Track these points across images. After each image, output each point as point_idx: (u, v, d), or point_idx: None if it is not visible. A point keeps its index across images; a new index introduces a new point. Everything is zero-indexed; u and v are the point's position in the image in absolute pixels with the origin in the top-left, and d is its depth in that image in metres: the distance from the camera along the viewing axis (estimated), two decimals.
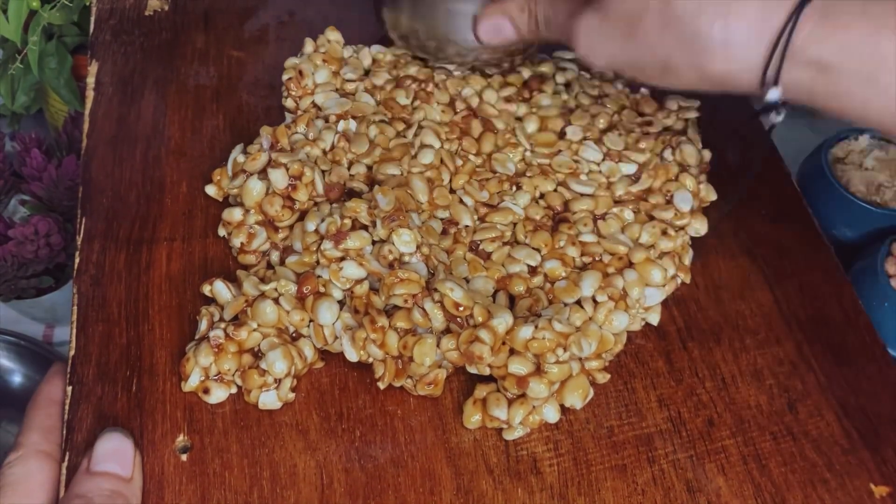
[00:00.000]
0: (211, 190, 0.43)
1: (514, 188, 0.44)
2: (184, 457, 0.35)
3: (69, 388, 0.36)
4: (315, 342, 0.38)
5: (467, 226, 0.42)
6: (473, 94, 0.47)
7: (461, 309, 0.36)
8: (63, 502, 0.33)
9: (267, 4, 0.54)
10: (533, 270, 0.40)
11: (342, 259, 0.38)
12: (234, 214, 0.41)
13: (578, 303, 0.39)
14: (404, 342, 0.36)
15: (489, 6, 0.42)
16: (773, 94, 0.34)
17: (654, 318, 0.41)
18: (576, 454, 0.37)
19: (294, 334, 0.38)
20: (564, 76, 0.49)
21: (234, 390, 0.37)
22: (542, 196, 0.44)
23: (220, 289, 0.38)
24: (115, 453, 0.34)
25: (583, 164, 0.45)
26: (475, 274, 0.40)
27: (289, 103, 0.47)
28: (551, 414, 0.37)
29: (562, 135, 0.46)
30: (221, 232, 0.42)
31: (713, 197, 0.45)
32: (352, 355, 0.37)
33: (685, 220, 0.43)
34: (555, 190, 0.44)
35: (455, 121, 0.46)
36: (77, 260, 0.40)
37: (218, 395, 0.36)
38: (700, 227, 0.44)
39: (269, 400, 0.36)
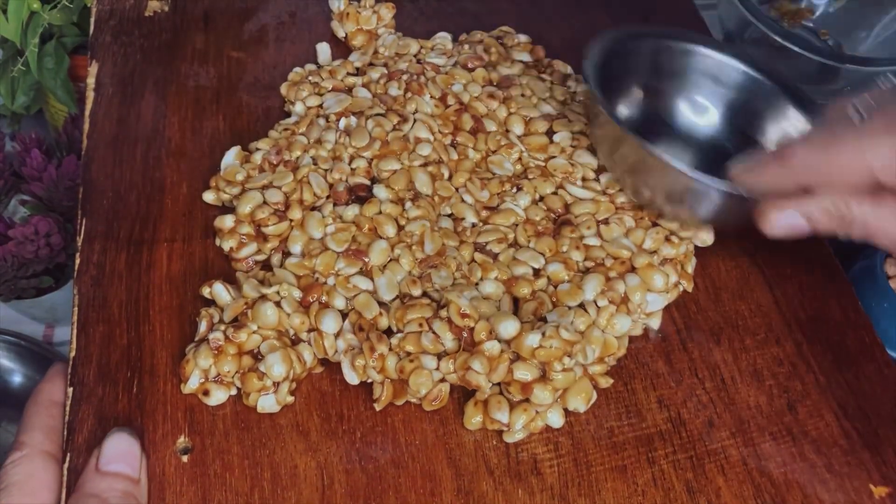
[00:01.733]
0: (209, 196, 0.43)
1: (515, 189, 0.44)
2: (185, 458, 0.35)
3: (70, 389, 0.36)
4: (315, 352, 0.38)
5: (474, 224, 0.42)
6: (463, 91, 0.47)
7: (466, 320, 0.36)
8: (75, 500, 0.32)
9: (267, 5, 0.54)
10: (536, 273, 0.40)
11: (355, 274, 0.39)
12: (226, 222, 0.41)
13: (581, 306, 0.39)
14: (401, 366, 0.36)
15: (782, 201, 0.36)
16: None
17: (655, 323, 0.41)
18: (576, 455, 0.37)
19: (294, 338, 0.38)
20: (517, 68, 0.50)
21: (234, 392, 0.37)
22: (541, 198, 0.44)
23: (219, 291, 0.38)
24: (124, 454, 0.34)
25: (577, 170, 0.44)
26: (486, 275, 0.40)
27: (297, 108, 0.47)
28: (556, 419, 0.37)
29: (550, 135, 0.46)
30: (218, 241, 0.42)
31: None
32: (352, 378, 0.37)
33: (690, 233, 0.43)
34: (554, 193, 0.44)
35: (447, 114, 0.46)
36: (77, 260, 0.40)
37: (218, 396, 0.36)
38: (707, 237, 0.44)
39: (267, 403, 0.36)
